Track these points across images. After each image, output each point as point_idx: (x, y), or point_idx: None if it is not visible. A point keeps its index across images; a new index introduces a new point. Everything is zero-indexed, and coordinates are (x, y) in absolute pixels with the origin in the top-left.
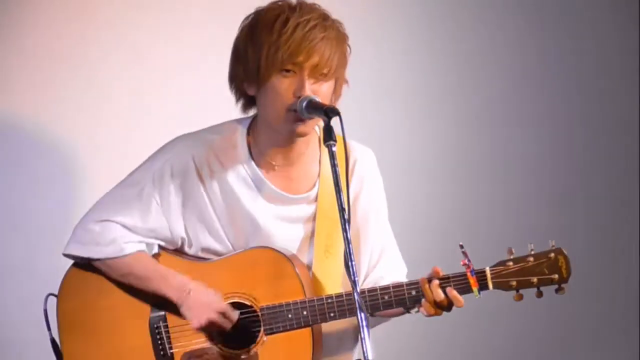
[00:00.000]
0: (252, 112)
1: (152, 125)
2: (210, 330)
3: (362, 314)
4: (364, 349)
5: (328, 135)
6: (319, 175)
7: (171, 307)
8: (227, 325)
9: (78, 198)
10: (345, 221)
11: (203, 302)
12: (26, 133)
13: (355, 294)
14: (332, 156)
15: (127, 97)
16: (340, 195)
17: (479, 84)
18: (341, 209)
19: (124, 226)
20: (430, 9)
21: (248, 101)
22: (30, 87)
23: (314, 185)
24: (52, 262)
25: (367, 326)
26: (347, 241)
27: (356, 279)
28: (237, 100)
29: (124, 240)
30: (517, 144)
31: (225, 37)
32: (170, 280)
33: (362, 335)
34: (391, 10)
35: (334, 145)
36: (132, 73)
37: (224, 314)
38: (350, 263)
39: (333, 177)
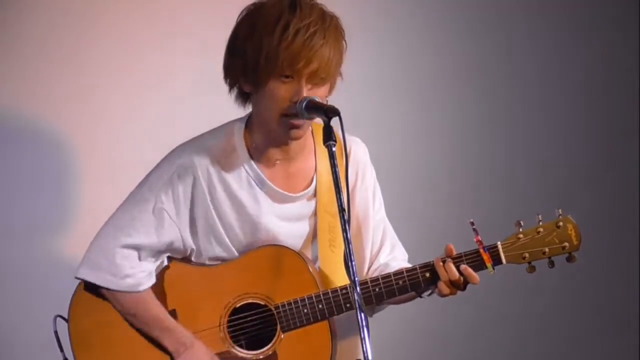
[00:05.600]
0: (245, 105)
1: (152, 127)
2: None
3: (362, 314)
4: (364, 349)
5: (327, 135)
6: (315, 170)
7: (184, 312)
8: None
9: (77, 199)
10: (345, 222)
11: None
12: (24, 135)
13: (355, 294)
14: (331, 156)
15: (126, 98)
16: (340, 197)
17: (480, 83)
18: (341, 210)
19: (139, 249)
20: (432, 9)
21: (243, 94)
22: (29, 88)
23: (312, 180)
24: (50, 263)
25: (367, 326)
26: (347, 242)
27: (356, 279)
28: (231, 90)
29: (139, 276)
30: (518, 142)
31: (226, 39)
32: (173, 334)
33: (362, 335)
34: (392, 9)
35: (334, 145)
36: (131, 74)
37: None
38: (350, 264)
39: (333, 178)
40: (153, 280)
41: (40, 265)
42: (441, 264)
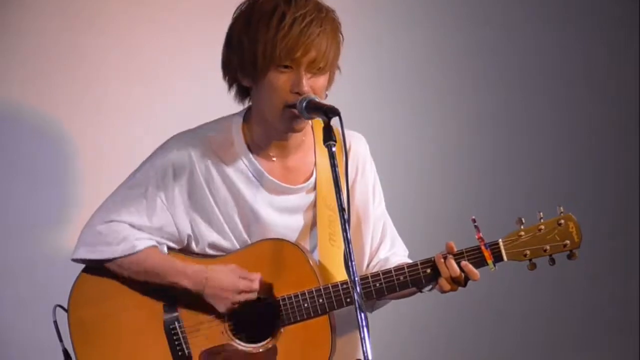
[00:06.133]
0: (246, 102)
1: (151, 123)
2: (238, 310)
3: (362, 314)
4: (364, 349)
5: (327, 135)
6: (315, 165)
7: (184, 305)
8: (253, 297)
9: (77, 197)
10: (345, 221)
11: (223, 286)
12: (24, 133)
13: (355, 294)
14: (331, 156)
15: (125, 96)
16: (340, 196)
17: (479, 82)
18: (341, 209)
19: (132, 225)
20: (432, 6)
21: (242, 90)
22: (28, 87)
23: (312, 174)
24: (50, 262)
25: (367, 326)
26: (347, 241)
27: (356, 279)
28: (230, 87)
29: (134, 237)
30: (518, 141)
31: (225, 34)
32: (186, 271)
33: (362, 335)
34: (391, 6)
35: (334, 145)
36: (131, 72)
37: (245, 291)
38: (350, 263)
39: (333, 178)
40: (153, 243)
41: (37, 262)
42: (442, 260)
